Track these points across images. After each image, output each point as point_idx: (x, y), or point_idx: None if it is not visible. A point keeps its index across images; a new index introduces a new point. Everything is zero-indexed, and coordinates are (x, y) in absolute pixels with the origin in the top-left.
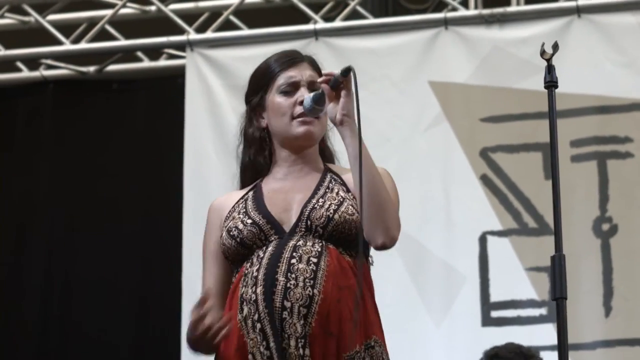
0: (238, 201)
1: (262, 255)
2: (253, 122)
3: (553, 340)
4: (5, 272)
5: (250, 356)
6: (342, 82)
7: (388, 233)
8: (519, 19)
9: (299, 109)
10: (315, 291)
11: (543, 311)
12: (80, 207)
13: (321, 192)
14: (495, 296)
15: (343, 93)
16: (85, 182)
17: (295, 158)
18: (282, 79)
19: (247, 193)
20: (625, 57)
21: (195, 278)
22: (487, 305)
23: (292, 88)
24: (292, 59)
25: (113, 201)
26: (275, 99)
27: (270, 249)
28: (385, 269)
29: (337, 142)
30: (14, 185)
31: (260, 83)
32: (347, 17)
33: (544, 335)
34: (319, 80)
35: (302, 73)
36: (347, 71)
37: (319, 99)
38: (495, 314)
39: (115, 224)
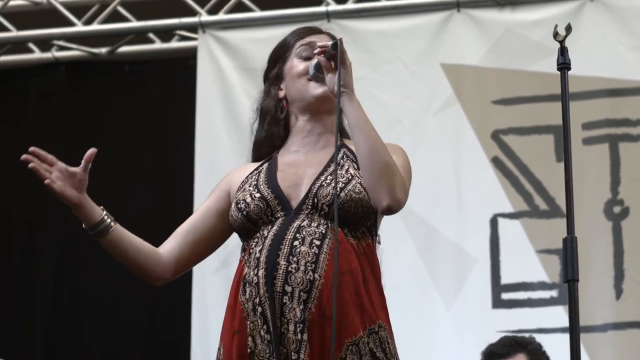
0: (252, 172)
1: (266, 235)
2: (270, 94)
3: (563, 322)
4: (16, 258)
5: (250, 338)
6: (335, 55)
7: (392, 195)
8: (531, 2)
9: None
10: (317, 275)
11: (554, 293)
12: (91, 187)
13: (331, 168)
14: (505, 278)
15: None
16: (97, 163)
17: (311, 127)
18: (299, 46)
19: (262, 165)
20: (637, 40)
21: (205, 266)
22: (497, 287)
23: (309, 52)
24: (310, 29)
25: (124, 182)
26: (294, 63)
27: (274, 228)
28: (397, 251)
29: None
30: (26, 166)
31: (277, 56)
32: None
33: (554, 317)
34: (315, 52)
35: (320, 39)
36: (335, 45)
37: (319, 67)
38: (505, 296)
39: (125, 205)
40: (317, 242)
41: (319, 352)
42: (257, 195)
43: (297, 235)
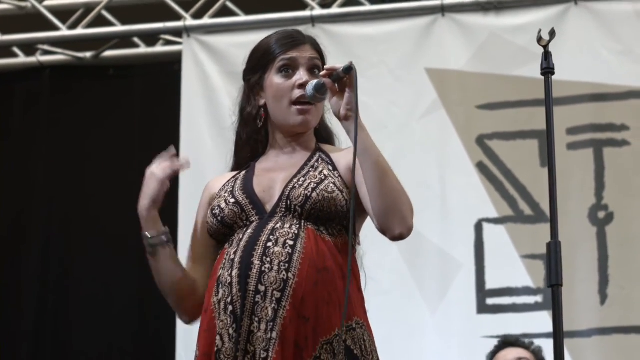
0: (229, 180)
1: (241, 238)
2: (251, 100)
3: (548, 327)
4: (4, 257)
5: (218, 337)
6: (345, 78)
7: (404, 223)
8: (516, 6)
9: (297, 92)
10: (290, 275)
11: (538, 299)
12: (77, 193)
13: (305, 171)
14: (490, 283)
15: (347, 89)
16: (82, 168)
17: (289, 144)
18: (282, 61)
19: (240, 172)
20: (622, 45)
21: None
22: (482, 292)
23: (291, 69)
24: (293, 41)
25: (108, 187)
26: (274, 79)
27: (249, 231)
28: (381, 256)
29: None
30: (11, 170)
31: (260, 62)
32: (344, 4)
33: (539, 322)
34: (321, 73)
35: (302, 55)
36: (350, 69)
37: (320, 88)
38: (490, 301)
39: (110, 210)
40: (291, 242)
41: (293, 351)
42: (232, 200)
43: (271, 236)
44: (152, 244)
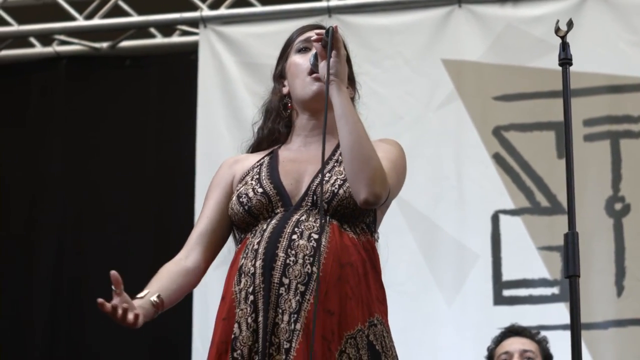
0: (254, 165)
1: (265, 228)
2: (275, 92)
3: (565, 319)
4: (16, 246)
5: (236, 325)
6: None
7: (371, 188)
8: None
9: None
10: (315, 269)
11: (555, 290)
12: (92, 183)
13: (330, 165)
14: (507, 275)
15: (333, 53)
16: (97, 158)
17: (312, 126)
18: (299, 43)
19: (263, 158)
20: (638, 36)
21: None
22: (499, 284)
23: (307, 44)
24: (312, 26)
25: (124, 177)
26: (294, 60)
27: (273, 222)
28: (398, 247)
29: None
30: (27, 160)
31: (281, 54)
32: None
33: (555, 314)
34: (312, 38)
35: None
36: (327, 32)
37: (316, 55)
38: (507, 292)
39: (127, 200)
40: (315, 236)
41: (321, 343)
42: (260, 190)
43: (296, 229)
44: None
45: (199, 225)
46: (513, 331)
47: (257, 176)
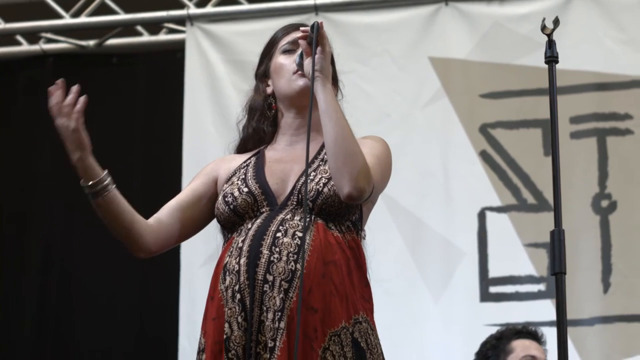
0: (240, 165)
1: (250, 227)
2: (259, 91)
3: (551, 316)
4: (5, 246)
5: (226, 325)
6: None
7: (354, 183)
8: None
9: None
10: (298, 266)
11: (541, 287)
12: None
13: (315, 164)
14: (493, 272)
15: (318, 49)
16: None
17: (298, 124)
18: (285, 44)
19: (249, 158)
20: (625, 34)
21: (193, 253)
22: (485, 280)
23: (293, 47)
24: (297, 25)
25: (112, 175)
26: (278, 60)
27: (258, 221)
28: (385, 244)
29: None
30: (14, 159)
31: (265, 53)
32: None
33: (542, 311)
34: (298, 36)
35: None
36: (313, 28)
37: (302, 54)
38: (493, 289)
39: None
40: (300, 234)
41: (303, 341)
42: (245, 189)
43: (280, 227)
44: (95, 191)
45: (171, 201)
46: (529, 333)
47: (244, 176)
